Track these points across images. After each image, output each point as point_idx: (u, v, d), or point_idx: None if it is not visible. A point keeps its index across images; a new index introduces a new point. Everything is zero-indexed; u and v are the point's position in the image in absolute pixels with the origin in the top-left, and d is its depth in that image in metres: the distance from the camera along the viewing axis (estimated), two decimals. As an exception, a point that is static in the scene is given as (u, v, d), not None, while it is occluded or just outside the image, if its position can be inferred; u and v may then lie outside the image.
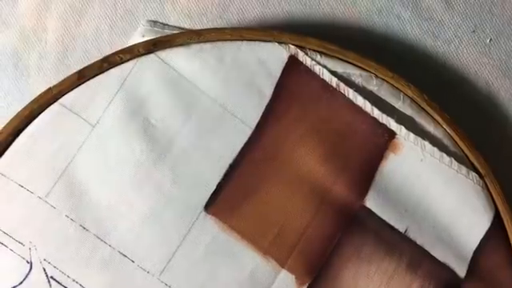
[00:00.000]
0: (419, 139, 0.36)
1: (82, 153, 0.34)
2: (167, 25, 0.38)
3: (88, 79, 0.34)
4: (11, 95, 0.40)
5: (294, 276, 0.35)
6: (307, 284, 0.35)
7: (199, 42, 0.35)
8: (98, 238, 0.34)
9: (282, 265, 0.35)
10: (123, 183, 0.34)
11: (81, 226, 0.33)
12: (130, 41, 0.38)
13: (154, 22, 0.38)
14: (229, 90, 0.35)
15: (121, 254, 0.34)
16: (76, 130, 0.34)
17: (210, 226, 0.34)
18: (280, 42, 0.36)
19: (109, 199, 0.34)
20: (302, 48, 0.36)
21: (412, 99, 0.36)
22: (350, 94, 0.36)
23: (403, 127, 0.36)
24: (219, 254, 0.34)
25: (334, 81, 0.36)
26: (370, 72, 0.36)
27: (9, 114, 0.34)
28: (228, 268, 0.34)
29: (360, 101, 0.36)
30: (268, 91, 0.36)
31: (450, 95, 0.40)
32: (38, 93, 0.34)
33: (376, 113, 0.36)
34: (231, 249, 0.34)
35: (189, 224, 0.34)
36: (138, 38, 0.37)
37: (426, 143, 0.36)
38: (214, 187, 0.35)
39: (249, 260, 0.35)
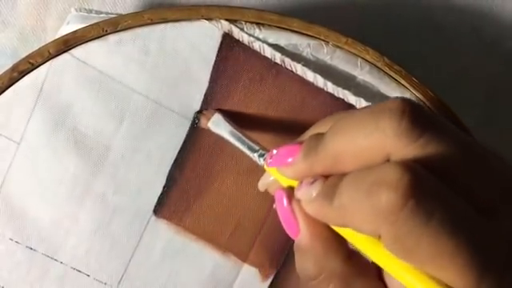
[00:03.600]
0: (382, 110, 0.31)
1: (13, 172, 0.31)
2: (93, 10, 0.33)
3: (0, 93, 0.30)
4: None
5: (257, 269, 0.33)
6: (272, 275, 0.33)
7: (116, 31, 0.30)
8: (48, 257, 0.32)
9: (244, 259, 0.33)
10: (63, 200, 0.32)
11: (27, 247, 0.32)
12: (58, 32, 0.33)
13: (80, 8, 0.33)
14: (160, 82, 0.31)
15: (74, 269, 0.32)
16: (1, 149, 0.31)
17: (163, 230, 0.33)
18: (210, 19, 0.31)
19: (50, 217, 0.32)
20: (236, 23, 0.31)
21: (371, 64, 0.32)
22: (298, 69, 0.31)
23: (362, 99, 0.31)
24: (176, 257, 0.33)
25: (277, 57, 0.31)
26: (319, 39, 0.31)
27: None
28: (187, 270, 0.33)
29: (310, 76, 0.31)
30: (204, 77, 0.31)
31: (413, 58, 0.35)
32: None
33: (330, 87, 0.31)
34: (188, 250, 0.33)
35: (139, 231, 0.32)
36: (64, 26, 0.33)
37: (390, 113, 0.31)
38: (161, 189, 0.32)
39: (208, 259, 0.33)
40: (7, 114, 0.31)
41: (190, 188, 0.32)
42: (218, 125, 0.30)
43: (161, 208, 0.32)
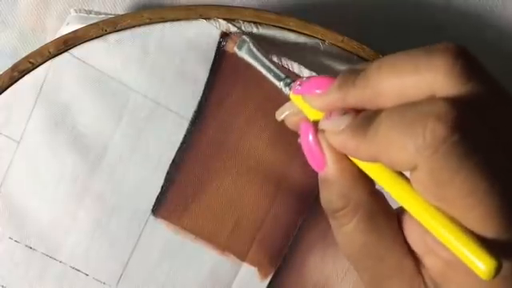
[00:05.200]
0: (379, 108, 0.32)
1: (13, 171, 0.32)
2: (92, 11, 0.33)
3: (1, 92, 0.31)
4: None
5: (256, 268, 0.33)
6: (271, 274, 0.33)
7: (116, 31, 0.31)
8: (47, 256, 0.32)
9: (243, 259, 0.33)
10: (62, 198, 0.32)
11: (27, 246, 0.32)
12: (58, 32, 0.34)
13: (80, 9, 0.33)
14: (159, 81, 0.31)
15: (73, 268, 0.32)
16: (1, 148, 0.31)
17: (162, 230, 0.33)
18: (208, 19, 0.31)
19: (50, 216, 0.32)
20: (234, 22, 0.31)
21: (368, 62, 0.32)
22: (295, 67, 0.31)
23: (360, 97, 0.31)
24: (175, 256, 0.33)
25: (274, 55, 0.31)
26: (316, 38, 0.31)
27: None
28: (186, 270, 0.33)
29: (307, 74, 0.31)
30: (202, 76, 0.31)
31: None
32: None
33: (327, 85, 0.31)
34: (187, 250, 0.33)
35: (138, 230, 0.32)
36: (64, 27, 0.33)
37: (388, 111, 0.32)
38: (159, 189, 0.32)
39: (207, 259, 0.33)
40: (7, 113, 0.31)
41: (189, 187, 0.32)
42: (243, 48, 0.29)
43: (159, 208, 0.32)
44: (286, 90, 0.26)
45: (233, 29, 0.31)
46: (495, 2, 0.38)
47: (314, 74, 0.31)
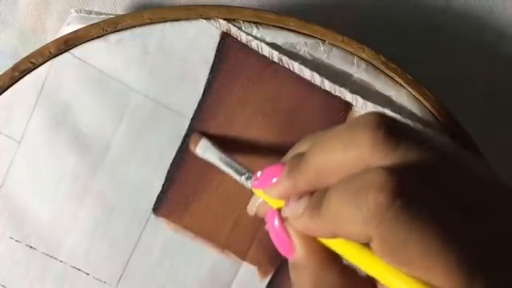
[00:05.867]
0: (379, 108, 0.32)
1: (14, 171, 0.32)
2: (93, 11, 0.33)
3: (1, 92, 0.31)
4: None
5: (256, 267, 0.33)
6: (271, 273, 0.33)
7: (116, 31, 0.31)
8: (48, 255, 0.32)
9: (243, 258, 0.33)
10: (62, 198, 0.32)
11: (27, 245, 0.32)
12: (59, 32, 0.34)
13: (81, 9, 0.33)
14: (159, 81, 0.31)
15: (73, 267, 0.33)
16: (2, 148, 0.31)
17: (162, 229, 0.33)
18: (208, 19, 0.31)
19: (50, 215, 0.32)
20: (234, 22, 0.31)
21: (367, 63, 0.32)
22: (296, 67, 0.31)
23: (359, 97, 0.32)
24: (175, 255, 0.33)
25: (275, 55, 0.31)
26: (316, 38, 0.31)
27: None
28: (186, 268, 0.33)
29: (307, 74, 0.31)
30: (202, 76, 0.32)
31: (413, 58, 0.35)
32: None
33: (327, 85, 0.32)
34: (187, 249, 0.33)
35: (139, 229, 0.33)
36: (64, 27, 0.33)
37: (387, 111, 0.32)
38: (160, 188, 0.32)
39: (207, 257, 0.33)
40: (8, 112, 0.31)
41: (189, 186, 0.32)
42: (205, 150, 0.31)
43: (160, 206, 0.32)
44: (247, 184, 0.27)
45: (233, 29, 0.31)
46: (495, 3, 0.38)
47: (314, 73, 0.31)
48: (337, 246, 0.22)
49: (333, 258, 0.23)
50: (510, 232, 0.20)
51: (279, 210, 0.24)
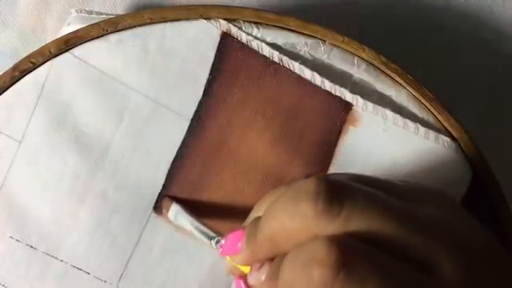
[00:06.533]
0: (379, 108, 0.32)
1: (14, 170, 0.32)
2: (93, 11, 0.33)
3: (2, 92, 0.31)
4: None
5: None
6: (271, 273, 0.33)
7: (117, 31, 0.31)
8: (48, 255, 0.32)
9: (243, 257, 0.33)
10: (63, 197, 0.32)
11: (27, 245, 0.32)
12: (59, 32, 0.34)
13: (81, 9, 0.34)
14: (159, 81, 0.31)
15: (74, 267, 0.33)
16: (3, 148, 0.32)
17: (163, 227, 0.33)
18: (208, 19, 0.31)
19: (51, 215, 0.32)
20: (234, 22, 0.31)
21: (368, 63, 0.32)
22: (296, 67, 0.31)
23: (359, 97, 0.32)
24: (176, 253, 0.33)
25: (275, 55, 0.31)
26: (316, 38, 0.32)
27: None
28: (187, 266, 0.33)
29: (308, 74, 0.31)
30: (203, 76, 0.32)
31: (413, 58, 0.35)
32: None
33: (328, 85, 0.32)
34: (187, 247, 0.33)
35: (139, 228, 0.33)
36: (65, 27, 0.33)
37: (387, 111, 0.32)
38: (160, 187, 0.32)
39: (207, 256, 0.33)
40: (8, 112, 0.31)
41: (190, 186, 0.33)
42: (176, 215, 0.31)
43: (160, 205, 0.33)
44: (217, 249, 0.28)
45: (233, 29, 0.31)
46: (495, 2, 0.38)
47: (315, 73, 0.31)
48: None
49: None
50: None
51: (245, 277, 0.25)
